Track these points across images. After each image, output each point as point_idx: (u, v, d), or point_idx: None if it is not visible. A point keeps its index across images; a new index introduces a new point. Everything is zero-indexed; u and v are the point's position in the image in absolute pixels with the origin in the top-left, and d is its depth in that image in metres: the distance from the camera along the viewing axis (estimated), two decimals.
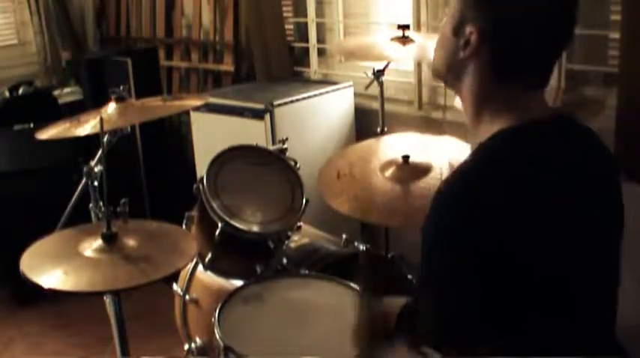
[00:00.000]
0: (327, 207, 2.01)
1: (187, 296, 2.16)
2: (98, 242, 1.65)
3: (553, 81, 2.44)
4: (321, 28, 3.37)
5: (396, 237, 2.49)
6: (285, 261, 2.14)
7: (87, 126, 1.96)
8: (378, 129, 2.49)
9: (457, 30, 1.18)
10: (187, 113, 3.21)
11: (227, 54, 3.68)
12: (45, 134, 2.00)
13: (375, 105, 2.63)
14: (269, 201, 2.14)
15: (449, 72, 1.24)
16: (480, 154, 1.17)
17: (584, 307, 1.19)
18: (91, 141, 1.97)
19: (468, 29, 1.16)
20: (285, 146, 2.29)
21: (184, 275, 2.19)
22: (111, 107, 2.03)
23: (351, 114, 3.14)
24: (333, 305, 1.83)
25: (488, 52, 1.16)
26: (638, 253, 1.55)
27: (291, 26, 3.45)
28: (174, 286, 2.21)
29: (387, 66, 2.45)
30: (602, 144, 1.26)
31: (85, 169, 1.93)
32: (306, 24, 3.37)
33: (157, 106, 2.18)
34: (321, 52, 3.39)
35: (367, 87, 2.50)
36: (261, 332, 1.75)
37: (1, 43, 4.14)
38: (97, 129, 1.81)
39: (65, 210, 2.11)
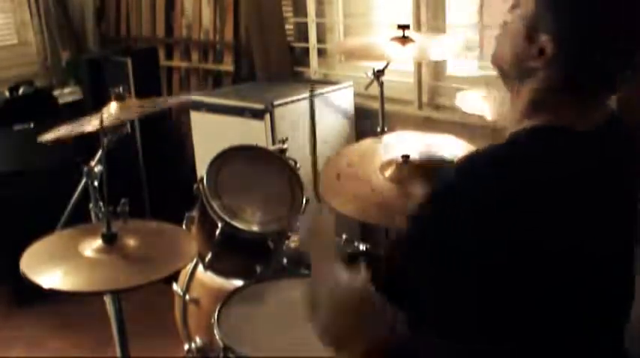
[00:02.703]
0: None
1: (187, 296, 2.16)
2: (98, 242, 1.65)
3: None
4: (321, 28, 3.36)
5: None
6: (285, 261, 2.14)
7: (89, 127, 1.95)
8: (378, 129, 2.49)
9: (531, 35, 1.12)
10: (187, 113, 3.21)
11: (227, 54, 3.68)
12: (48, 136, 1.99)
13: (375, 105, 2.63)
14: (269, 201, 2.14)
15: (514, 72, 1.18)
16: (509, 142, 1.13)
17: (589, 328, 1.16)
18: (90, 141, 1.97)
19: (544, 37, 1.10)
20: (285, 146, 2.29)
21: (184, 275, 2.19)
22: (112, 106, 2.02)
23: (351, 114, 3.14)
24: None
25: (562, 63, 1.11)
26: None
27: (291, 26, 3.44)
28: (174, 286, 2.21)
29: (387, 66, 2.45)
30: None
31: (85, 169, 1.93)
32: (306, 24, 3.36)
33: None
34: (321, 52, 3.39)
35: (367, 87, 2.50)
36: (261, 332, 1.75)
37: (1, 43, 4.14)
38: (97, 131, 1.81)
39: (65, 210, 2.11)
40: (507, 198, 1.04)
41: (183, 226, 2.13)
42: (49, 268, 1.59)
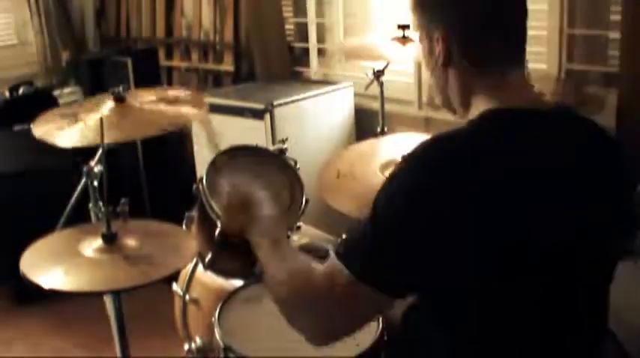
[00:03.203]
0: (327, 207, 2.01)
1: (187, 296, 2.16)
2: (98, 242, 1.65)
3: (552, 81, 2.44)
4: (321, 28, 3.37)
5: None
6: None
7: (86, 128, 1.93)
8: (378, 129, 2.49)
9: (430, 48, 1.24)
10: None
11: (227, 54, 3.68)
12: (40, 131, 1.96)
13: (375, 105, 2.63)
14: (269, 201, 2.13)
15: (443, 90, 1.27)
16: (465, 128, 1.18)
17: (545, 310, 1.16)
18: None
19: (435, 40, 1.21)
20: (285, 146, 2.28)
21: (184, 275, 2.19)
22: (109, 107, 2.00)
23: (351, 115, 3.14)
24: None
25: (458, 51, 1.20)
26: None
27: (291, 26, 3.45)
28: (174, 286, 2.20)
29: (387, 66, 2.45)
30: (601, 140, 1.24)
31: (85, 169, 1.92)
32: (306, 24, 3.37)
33: (156, 113, 2.10)
34: (321, 52, 3.39)
35: (367, 87, 2.50)
36: (261, 332, 1.75)
37: (1, 43, 4.14)
38: (98, 134, 1.80)
39: (65, 210, 2.11)
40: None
41: (183, 226, 2.13)
42: (49, 268, 1.59)
